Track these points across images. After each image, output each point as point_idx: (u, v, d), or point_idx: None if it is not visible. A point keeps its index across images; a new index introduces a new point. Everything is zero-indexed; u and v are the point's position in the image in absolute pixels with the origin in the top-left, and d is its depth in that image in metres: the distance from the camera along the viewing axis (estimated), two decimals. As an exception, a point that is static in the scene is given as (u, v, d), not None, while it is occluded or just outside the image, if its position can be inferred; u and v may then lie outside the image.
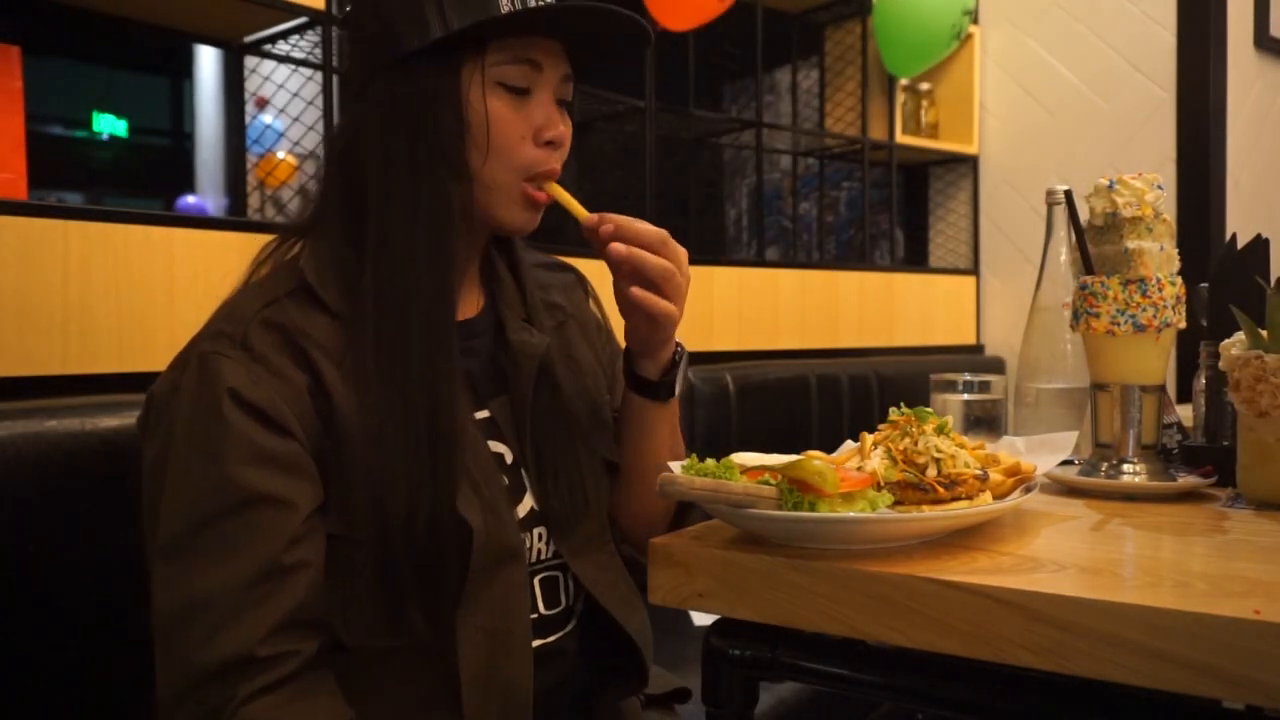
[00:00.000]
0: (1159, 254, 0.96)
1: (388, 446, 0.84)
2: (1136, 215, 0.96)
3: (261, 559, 0.80)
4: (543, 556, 0.97)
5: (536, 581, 0.97)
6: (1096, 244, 1.00)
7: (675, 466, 0.79)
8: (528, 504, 0.96)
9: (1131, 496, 0.95)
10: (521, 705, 0.90)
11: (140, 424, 0.89)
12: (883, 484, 0.77)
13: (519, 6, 0.89)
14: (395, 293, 0.87)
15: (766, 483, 0.75)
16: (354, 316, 0.87)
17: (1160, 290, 0.95)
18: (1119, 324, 0.95)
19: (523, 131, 0.92)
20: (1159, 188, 0.97)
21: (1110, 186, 0.97)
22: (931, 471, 0.77)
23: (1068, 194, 1.05)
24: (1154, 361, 0.98)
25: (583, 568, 0.99)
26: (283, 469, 0.82)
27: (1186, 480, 0.96)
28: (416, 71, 0.88)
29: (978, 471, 0.78)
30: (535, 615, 0.95)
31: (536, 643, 0.94)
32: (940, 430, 0.80)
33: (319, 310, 0.88)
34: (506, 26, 0.89)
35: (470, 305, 1.00)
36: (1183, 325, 0.97)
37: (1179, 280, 0.97)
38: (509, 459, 0.97)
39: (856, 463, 0.81)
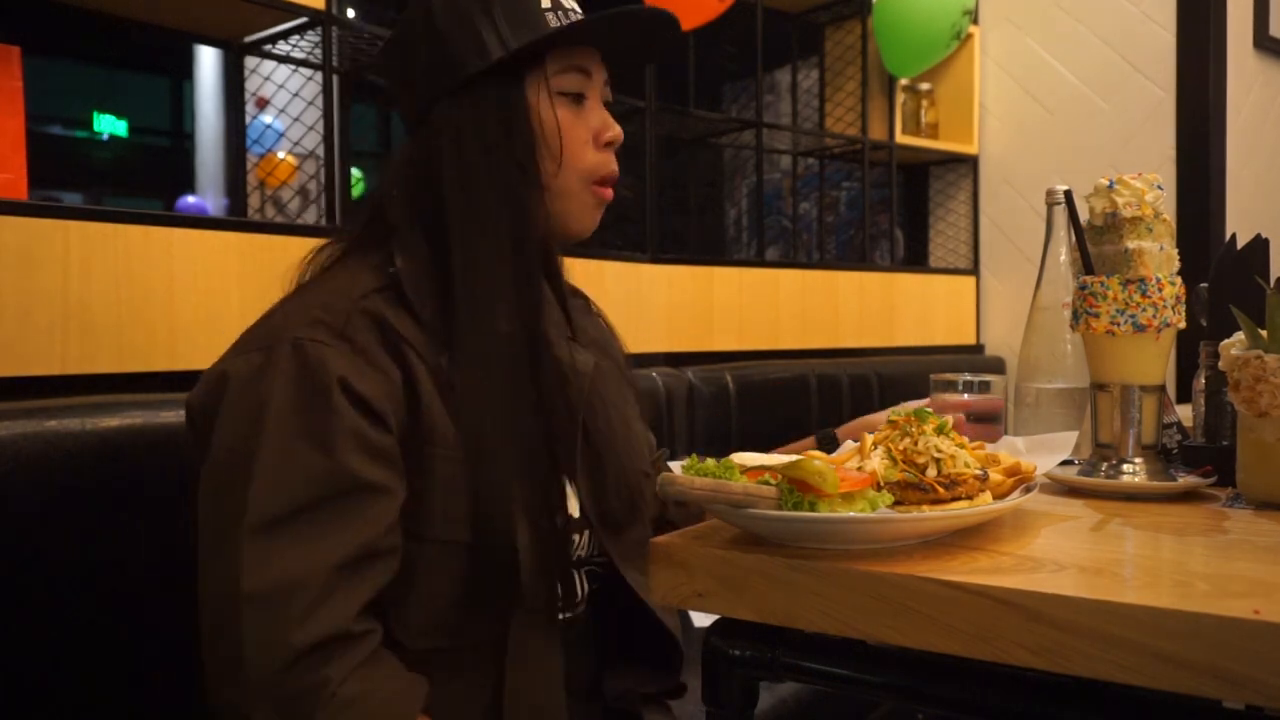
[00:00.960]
0: (1159, 254, 0.96)
1: (500, 464, 0.87)
2: (1137, 215, 0.96)
3: (360, 542, 0.82)
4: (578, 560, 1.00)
5: None
6: (1096, 244, 1.00)
7: (675, 466, 0.79)
8: (570, 509, 0.98)
9: (1132, 496, 0.95)
10: (556, 703, 0.93)
11: (200, 406, 0.88)
12: (883, 484, 0.77)
13: (565, 21, 0.95)
14: (488, 313, 0.90)
15: (766, 483, 0.75)
16: (446, 332, 0.89)
17: (1160, 290, 0.95)
18: (1119, 324, 0.95)
19: (584, 136, 0.98)
20: (1159, 188, 0.97)
21: (1110, 186, 0.97)
22: (931, 471, 0.77)
23: (1067, 194, 1.05)
24: (1154, 362, 0.98)
25: (630, 572, 1.00)
26: (386, 461, 0.85)
27: (1186, 480, 0.96)
28: (483, 90, 0.93)
29: (978, 471, 0.78)
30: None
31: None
32: (940, 430, 0.80)
33: (409, 314, 0.90)
34: (561, 40, 0.95)
35: None
36: (1182, 325, 0.97)
37: (1179, 280, 0.97)
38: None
39: (856, 463, 0.81)
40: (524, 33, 0.92)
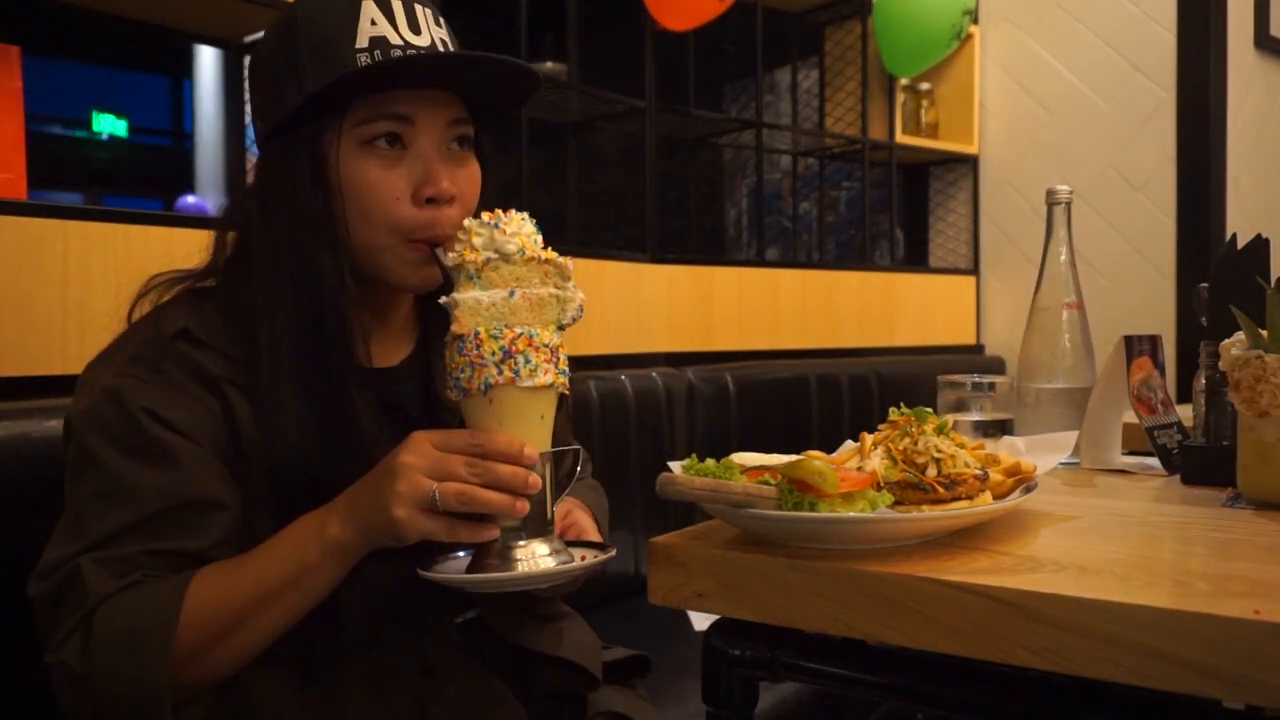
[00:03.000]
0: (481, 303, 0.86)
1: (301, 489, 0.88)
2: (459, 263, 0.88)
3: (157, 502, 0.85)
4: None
5: None
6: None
7: (675, 466, 0.79)
8: None
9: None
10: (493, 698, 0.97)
11: (65, 437, 0.92)
12: (883, 484, 0.77)
13: (378, 59, 0.85)
14: (286, 359, 0.88)
15: (766, 483, 0.75)
16: (252, 365, 0.89)
17: (479, 347, 0.81)
18: None
19: (398, 192, 0.88)
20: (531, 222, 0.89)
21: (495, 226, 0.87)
22: (931, 471, 0.77)
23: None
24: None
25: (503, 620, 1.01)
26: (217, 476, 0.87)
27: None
28: (284, 142, 0.88)
29: (978, 471, 0.78)
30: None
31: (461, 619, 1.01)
32: (940, 430, 0.80)
33: (210, 350, 0.90)
34: (361, 85, 0.85)
35: (392, 352, 0.99)
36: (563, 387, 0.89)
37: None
38: None
39: (856, 463, 0.81)
40: (323, 74, 0.85)
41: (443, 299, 0.81)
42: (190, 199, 2.18)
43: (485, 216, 0.81)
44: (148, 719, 0.79)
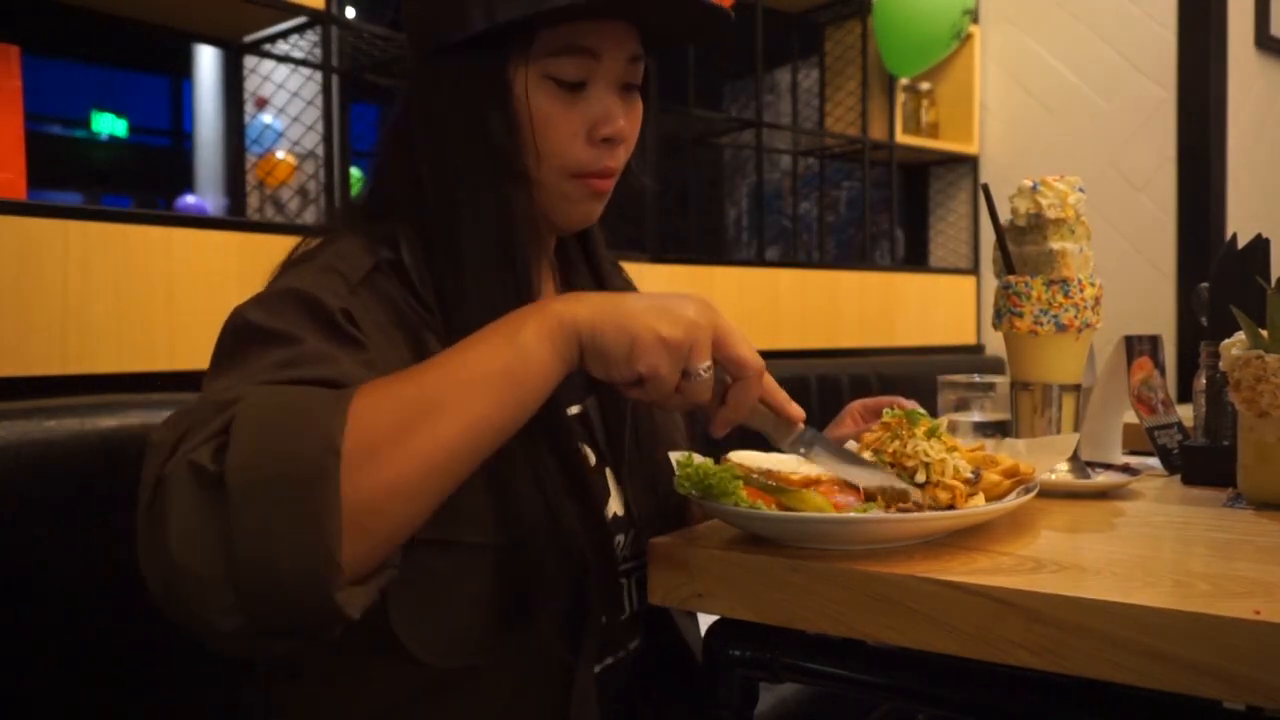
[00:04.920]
0: (1079, 256, 0.97)
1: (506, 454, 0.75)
2: (1060, 217, 0.97)
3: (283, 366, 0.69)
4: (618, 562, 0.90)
5: None
6: (1018, 244, 1.02)
7: (674, 457, 0.79)
8: (612, 508, 0.89)
9: (1048, 494, 0.95)
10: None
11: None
12: (874, 494, 0.77)
13: None
14: (477, 310, 0.79)
15: (757, 508, 0.74)
16: (446, 320, 0.81)
17: (1081, 291, 0.96)
18: (1041, 324, 0.96)
19: (574, 128, 0.83)
20: (1080, 190, 0.98)
21: (1034, 188, 0.99)
22: (920, 476, 0.77)
23: (985, 189, 1.05)
24: (1073, 362, 0.99)
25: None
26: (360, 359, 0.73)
27: (1103, 478, 0.97)
28: (462, 65, 0.81)
29: (968, 475, 0.78)
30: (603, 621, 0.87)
31: (598, 665, 0.87)
32: (932, 433, 0.79)
33: (413, 293, 0.81)
34: (558, 17, 0.79)
35: (540, 292, 0.91)
36: (1099, 326, 0.98)
37: (1098, 281, 0.98)
38: (593, 461, 0.90)
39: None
40: (514, 5, 0.78)
41: (1054, 246, 0.94)
42: (190, 199, 2.18)
43: (1051, 178, 0.96)
44: (310, 502, 0.58)
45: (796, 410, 0.79)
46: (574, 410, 0.90)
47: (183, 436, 0.62)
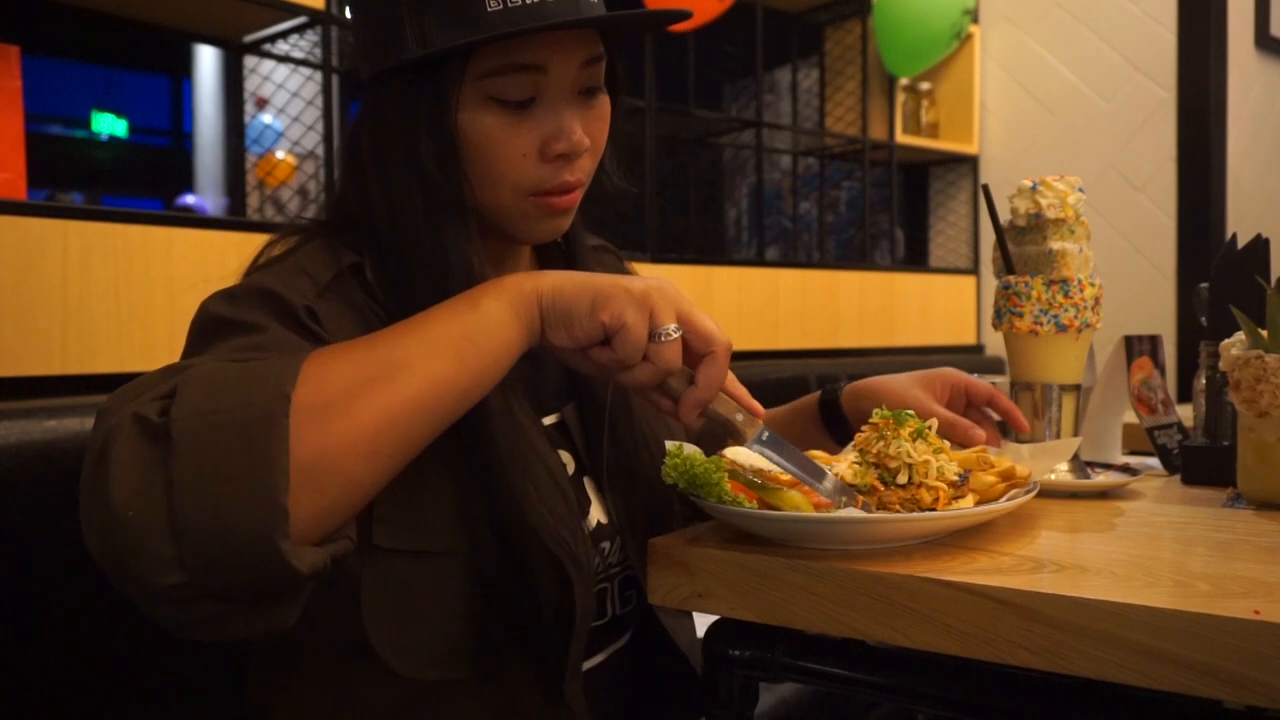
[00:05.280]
0: (1079, 256, 0.98)
1: (482, 462, 0.77)
2: (1060, 217, 0.98)
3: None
4: (600, 570, 0.88)
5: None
6: (1017, 244, 1.02)
7: (669, 445, 0.78)
8: (595, 517, 0.87)
9: (1051, 495, 0.95)
10: None
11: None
12: (860, 491, 0.77)
13: (507, 4, 0.75)
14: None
15: (740, 503, 0.74)
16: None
17: (1081, 291, 0.96)
18: (1042, 324, 0.97)
19: (525, 148, 0.79)
20: (1080, 190, 0.99)
21: (1034, 188, 0.99)
22: (903, 477, 0.77)
23: (985, 189, 1.06)
24: (1073, 362, 0.99)
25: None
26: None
27: (1103, 478, 0.97)
28: (400, 89, 0.78)
29: (953, 478, 0.77)
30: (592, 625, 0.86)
31: (587, 664, 0.86)
32: (918, 435, 0.79)
33: (375, 302, 0.80)
34: (492, 38, 0.75)
35: None
36: (1099, 326, 0.98)
37: (1098, 282, 0.98)
38: (571, 469, 0.88)
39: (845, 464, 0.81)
40: (448, 28, 0.75)
41: (1054, 246, 0.94)
42: (190, 199, 2.18)
43: (1051, 178, 0.97)
44: (258, 446, 0.57)
45: (759, 406, 0.79)
46: (550, 420, 0.89)
47: (131, 400, 0.61)
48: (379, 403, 0.63)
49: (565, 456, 0.88)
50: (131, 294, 1.45)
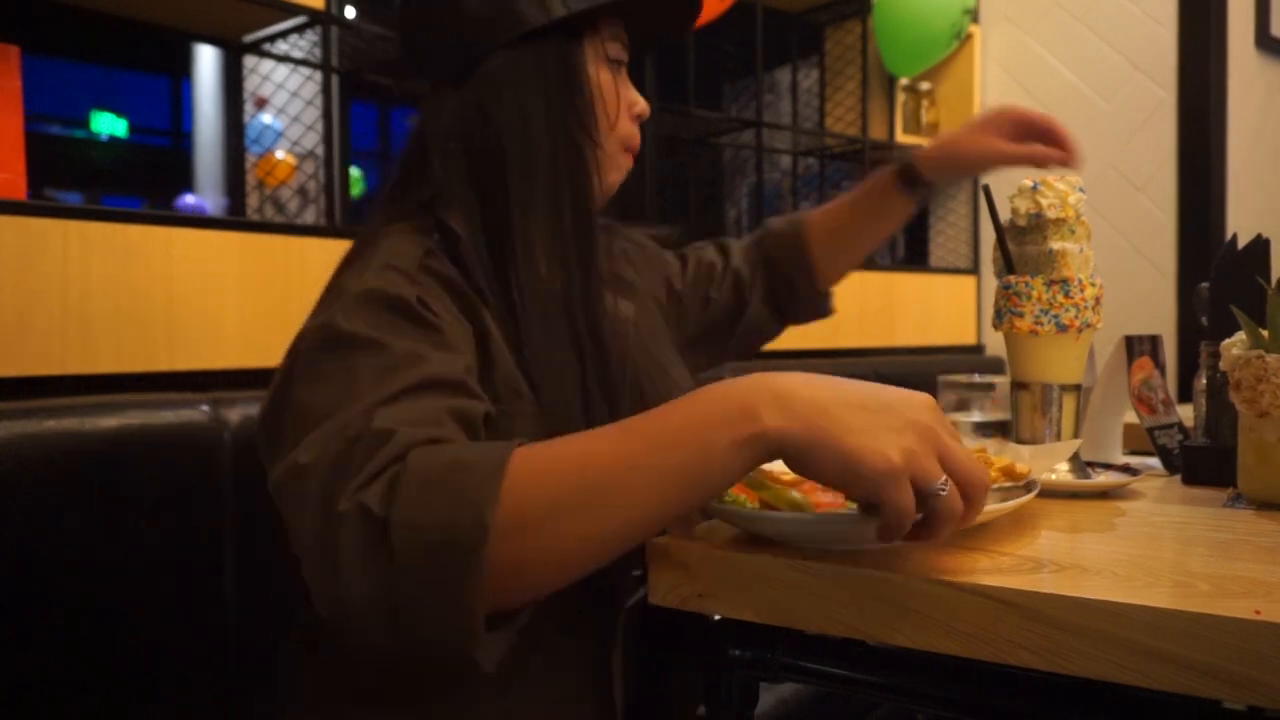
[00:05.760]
0: (1079, 255, 0.98)
1: (571, 423, 0.80)
2: (1060, 217, 0.98)
3: (419, 374, 0.72)
4: None
5: None
6: (1018, 244, 1.02)
7: None
8: None
9: (1051, 495, 0.95)
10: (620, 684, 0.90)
11: (271, 394, 0.79)
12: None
13: None
14: (548, 270, 0.88)
15: (737, 501, 0.75)
16: (504, 293, 0.86)
17: (1081, 291, 0.96)
18: (1042, 324, 0.96)
19: (626, 104, 0.98)
20: (1080, 190, 0.99)
21: (1034, 188, 0.99)
22: None
23: (985, 189, 1.06)
24: (1074, 362, 0.99)
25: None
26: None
27: (1103, 478, 0.97)
28: (545, 46, 0.92)
29: None
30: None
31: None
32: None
33: (466, 276, 0.86)
34: (619, 8, 0.94)
35: None
36: (1100, 326, 0.98)
37: (1098, 282, 0.98)
38: None
39: None
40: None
41: (1055, 246, 0.96)
42: (190, 199, 2.18)
43: (1051, 178, 0.98)
44: (458, 576, 0.61)
45: None
46: None
47: (341, 466, 0.65)
48: (577, 532, 0.64)
49: None
50: (131, 294, 1.45)
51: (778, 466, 0.77)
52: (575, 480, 0.64)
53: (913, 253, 3.43)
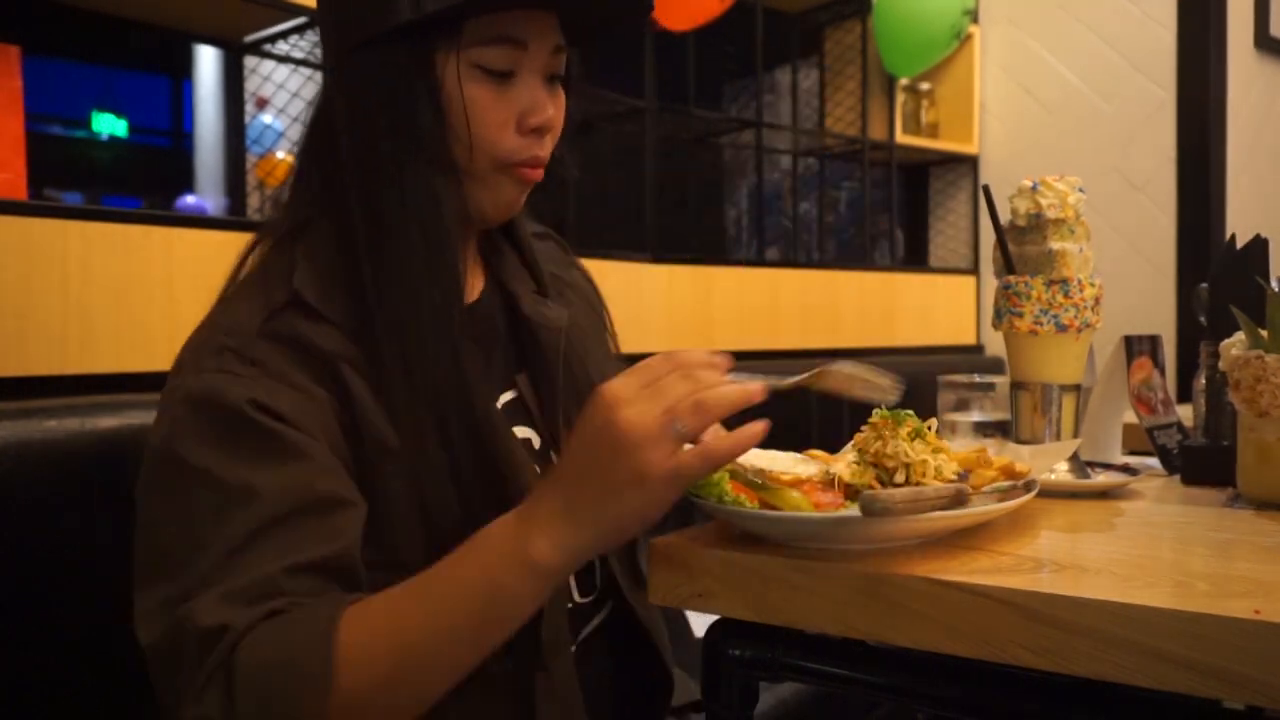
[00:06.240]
0: (1079, 256, 0.98)
1: (433, 465, 0.79)
2: (1060, 217, 0.98)
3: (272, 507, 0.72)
4: None
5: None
6: (1018, 244, 1.02)
7: None
8: None
9: (1050, 495, 0.95)
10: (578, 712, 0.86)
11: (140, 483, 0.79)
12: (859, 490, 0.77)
13: None
14: (402, 307, 0.80)
15: (740, 502, 0.74)
16: (362, 332, 0.80)
17: (1081, 291, 0.96)
18: (1042, 324, 0.96)
19: (504, 118, 0.83)
20: (1080, 190, 0.99)
21: (1034, 188, 0.99)
22: (900, 477, 0.77)
23: (986, 190, 1.06)
24: (1073, 362, 0.99)
25: (618, 561, 0.93)
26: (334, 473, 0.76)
27: (1103, 478, 0.97)
28: (386, 56, 0.81)
29: (951, 477, 0.77)
30: (570, 605, 0.89)
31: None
32: (916, 434, 0.79)
33: (325, 322, 0.81)
34: (484, 4, 0.80)
35: (472, 288, 0.92)
36: (1099, 326, 0.98)
37: (1098, 282, 0.98)
38: (536, 444, 0.90)
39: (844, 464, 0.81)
40: None
41: (1054, 246, 0.94)
42: (190, 199, 2.18)
43: (1051, 178, 0.96)
44: None
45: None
46: (507, 397, 0.90)
47: (175, 660, 0.70)
48: (412, 694, 0.70)
49: (527, 431, 0.89)
50: (131, 294, 1.45)
51: (778, 466, 0.78)
52: (392, 658, 0.69)
53: (913, 253, 3.43)
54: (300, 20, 1.81)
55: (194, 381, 0.77)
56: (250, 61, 2.01)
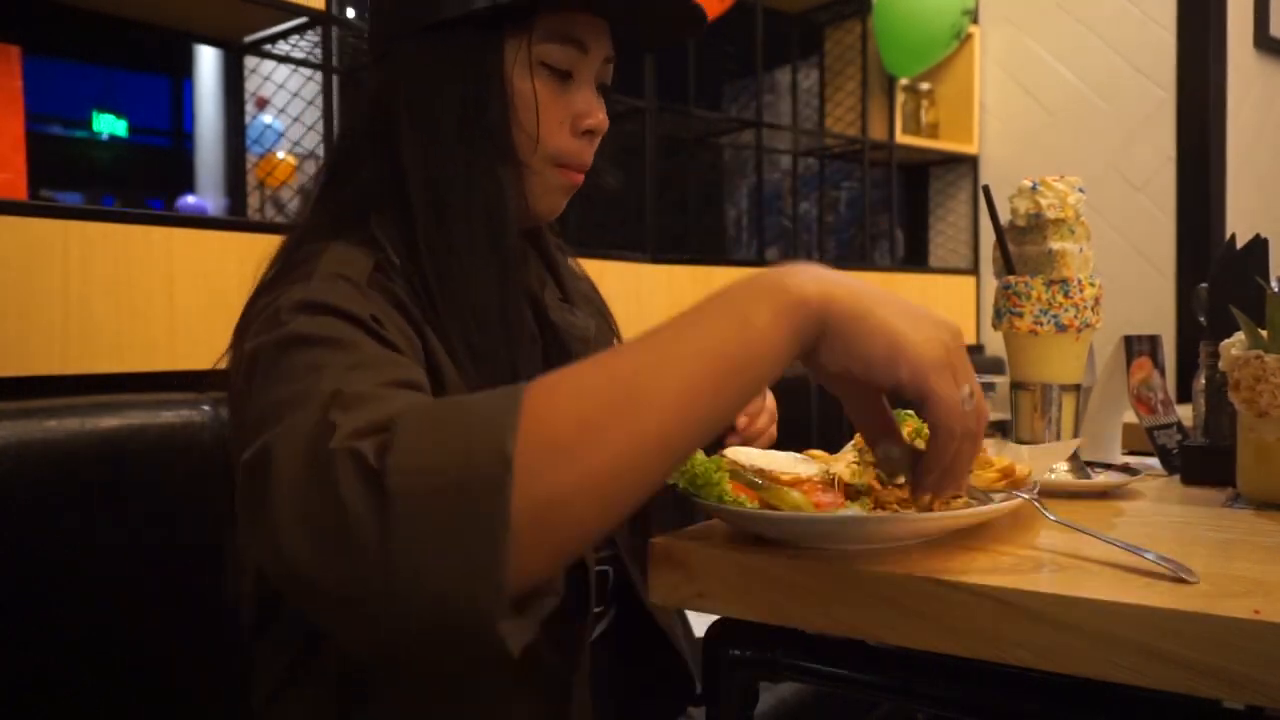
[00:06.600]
0: (1079, 256, 0.98)
1: None
2: (1060, 217, 0.98)
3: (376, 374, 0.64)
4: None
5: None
6: (1018, 244, 1.02)
7: None
8: None
9: (1051, 494, 0.95)
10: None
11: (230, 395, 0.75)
12: (859, 490, 0.77)
13: None
14: (463, 302, 0.79)
15: (741, 502, 0.75)
16: (432, 309, 0.80)
17: (1081, 291, 0.96)
18: (1042, 324, 0.96)
19: (562, 117, 0.85)
20: (1080, 190, 0.99)
21: (1034, 188, 0.99)
22: (900, 477, 0.77)
23: (986, 190, 1.06)
24: (1073, 362, 0.99)
25: (634, 563, 0.93)
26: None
27: (1103, 478, 0.97)
28: (458, 40, 0.81)
29: None
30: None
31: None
32: (916, 435, 0.79)
33: (409, 288, 0.80)
34: (559, 3, 0.82)
35: None
36: (1099, 326, 0.98)
37: (1098, 282, 0.98)
38: None
39: (843, 464, 0.81)
40: None
41: (1054, 246, 0.93)
42: (190, 199, 2.18)
43: (1051, 178, 0.96)
44: (476, 521, 0.50)
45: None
46: None
47: (323, 423, 0.56)
48: (614, 442, 0.53)
49: None
50: (131, 294, 1.45)
51: (778, 466, 0.77)
52: (604, 390, 0.54)
53: (913, 253, 3.44)
54: (300, 20, 1.81)
55: (309, 294, 0.71)
56: (250, 61, 2.01)
